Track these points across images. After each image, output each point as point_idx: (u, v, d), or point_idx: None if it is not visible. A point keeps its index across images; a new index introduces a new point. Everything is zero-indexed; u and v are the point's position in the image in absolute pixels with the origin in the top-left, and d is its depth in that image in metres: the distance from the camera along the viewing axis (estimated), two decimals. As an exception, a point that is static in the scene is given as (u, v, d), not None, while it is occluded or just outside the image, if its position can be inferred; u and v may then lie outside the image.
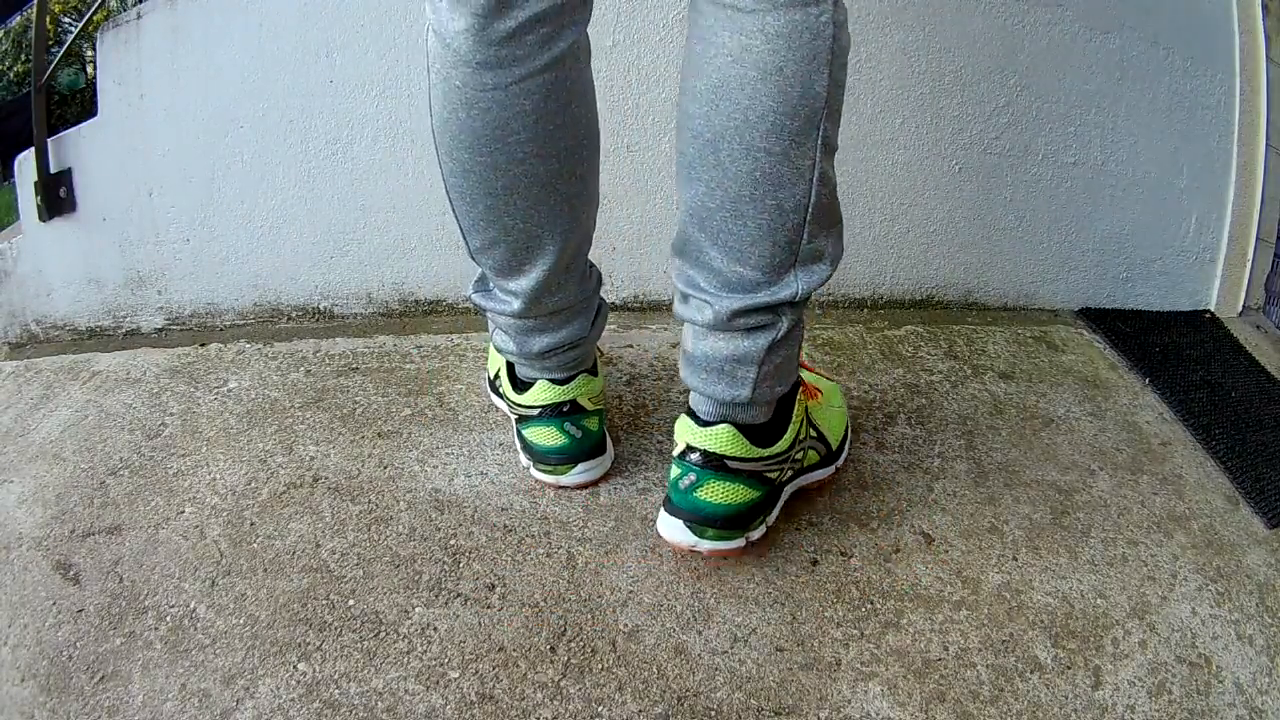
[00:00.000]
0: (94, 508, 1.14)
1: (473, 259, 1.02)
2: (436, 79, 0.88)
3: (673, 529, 0.95)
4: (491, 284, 1.04)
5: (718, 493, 0.93)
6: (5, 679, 0.92)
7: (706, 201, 0.87)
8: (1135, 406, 1.30)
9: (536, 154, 0.90)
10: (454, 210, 0.97)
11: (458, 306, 1.59)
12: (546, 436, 1.09)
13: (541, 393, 1.07)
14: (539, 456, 1.11)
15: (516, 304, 1.01)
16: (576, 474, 1.11)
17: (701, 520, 0.94)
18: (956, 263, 1.54)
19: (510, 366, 1.13)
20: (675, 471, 0.95)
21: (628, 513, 1.09)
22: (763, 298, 0.88)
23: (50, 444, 1.27)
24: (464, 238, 0.99)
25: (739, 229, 0.86)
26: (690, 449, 0.94)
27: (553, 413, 1.07)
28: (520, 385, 1.10)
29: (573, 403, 1.07)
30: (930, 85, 1.44)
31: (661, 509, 0.98)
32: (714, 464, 0.93)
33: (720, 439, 0.92)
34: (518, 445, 1.16)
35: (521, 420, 1.12)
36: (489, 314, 1.07)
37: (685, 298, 0.94)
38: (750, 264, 0.87)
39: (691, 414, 0.97)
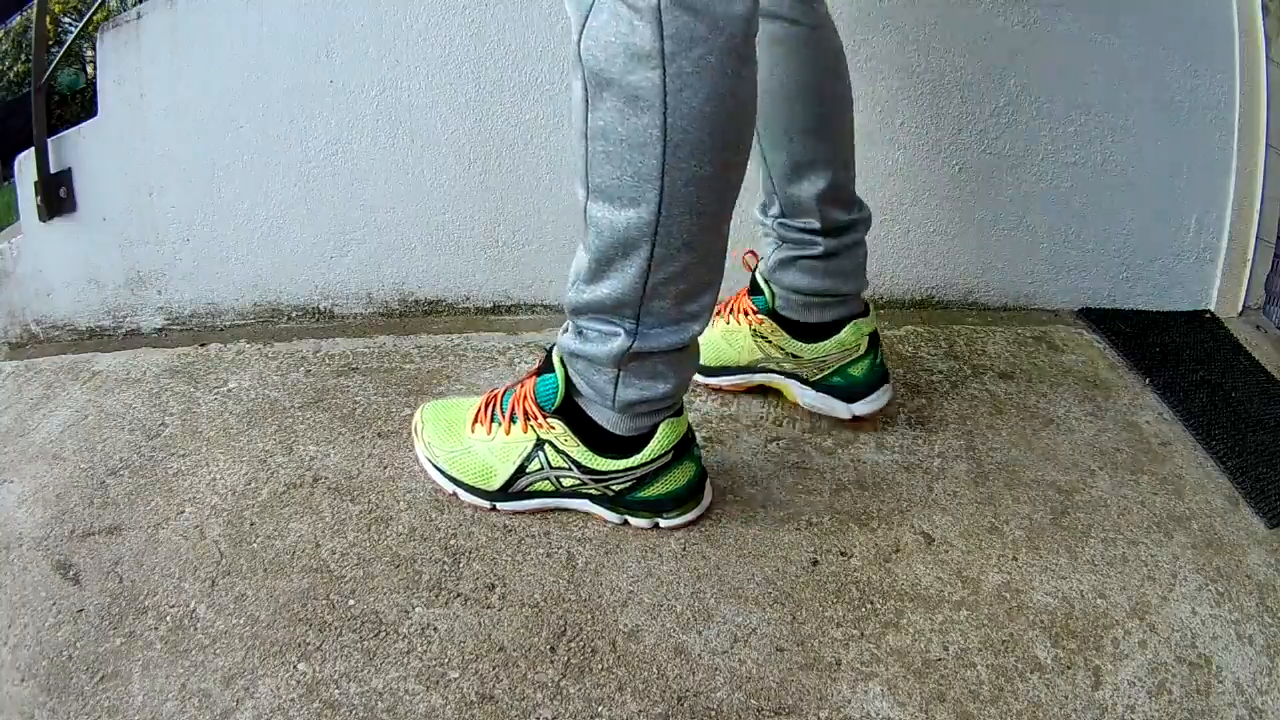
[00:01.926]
0: (94, 508, 1.14)
1: (648, 290, 0.86)
2: (695, 67, 0.77)
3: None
4: (649, 324, 0.90)
5: None
6: (5, 679, 0.92)
7: None
8: (1135, 406, 1.30)
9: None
10: (673, 229, 0.82)
11: (458, 306, 1.59)
12: (686, 473, 0.99)
13: (668, 434, 0.97)
14: (678, 500, 1.01)
15: (697, 327, 0.90)
16: (708, 496, 1.04)
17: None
18: (956, 263, 1.54)
19: (597, 441, 0.98)
20: (873, 359, 1.10)
21: (628, 513, 1.09)
22: None
23: (50, 444, 1.27)
24: (657, 264, 0.84)
25: None
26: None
27: (685, 446, 0.99)
28: (623, 448, 0.98)
29: (689, 424, 1.00)
30: (930, 85, 1.44)
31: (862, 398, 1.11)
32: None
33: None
34: (626, 519, 1.04)
35: (640, 483, 0.99)
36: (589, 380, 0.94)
37: None
38: None
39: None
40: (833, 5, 1.40)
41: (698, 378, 1.25)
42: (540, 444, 0.99)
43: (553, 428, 0.97)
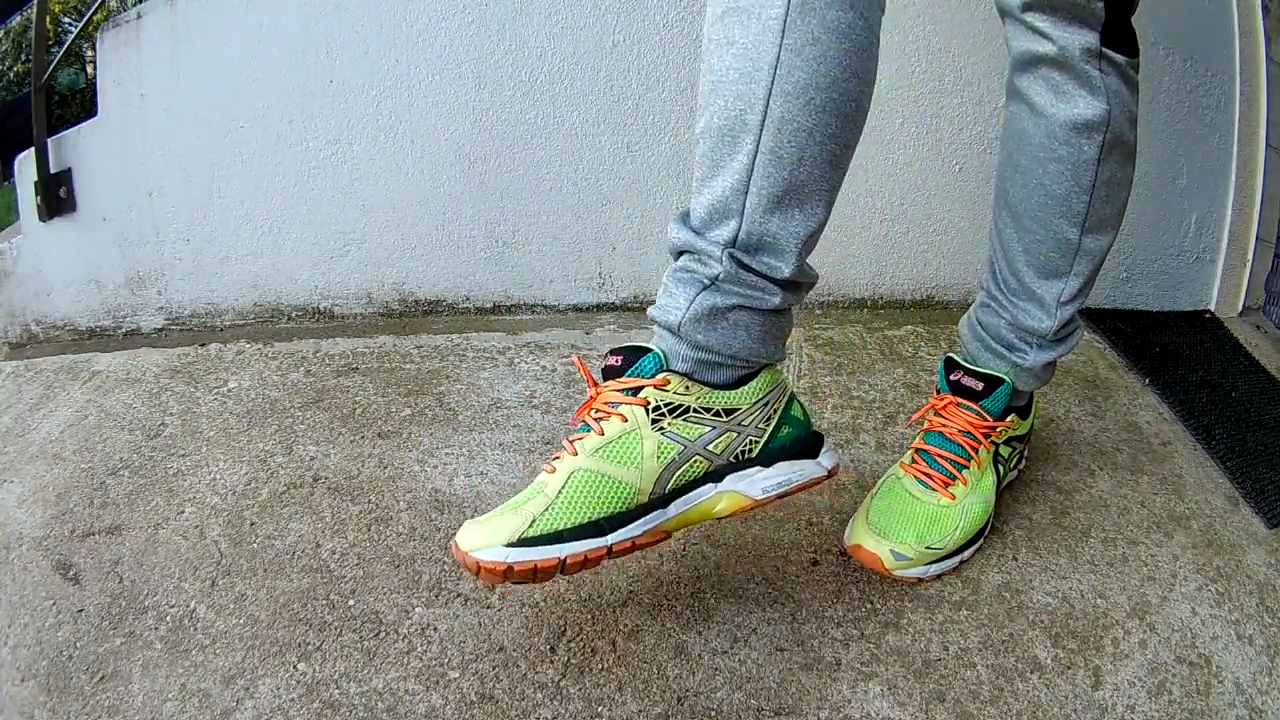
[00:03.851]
0: (94, 508, 1.14)
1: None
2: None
3: None
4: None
5: None
6: (5, 679, 0.92)
7: None
8: (1135, 406, 1.30)
9: None
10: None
11: (458, 306, 1.59)
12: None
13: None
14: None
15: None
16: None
17: None
18: (956, 263, 1.54)
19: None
20: None
21: (628, 513, 1.09)
22: None
23: (50, 444, 1.27)
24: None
25: None
26: None
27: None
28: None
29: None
30: (930, 85, 1.44)
31: None
32: None
33: None
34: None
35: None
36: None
37: None
38: None
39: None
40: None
41: (567, 552, 0.93)
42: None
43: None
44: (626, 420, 0.81)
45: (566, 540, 0.78)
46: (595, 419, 0.82)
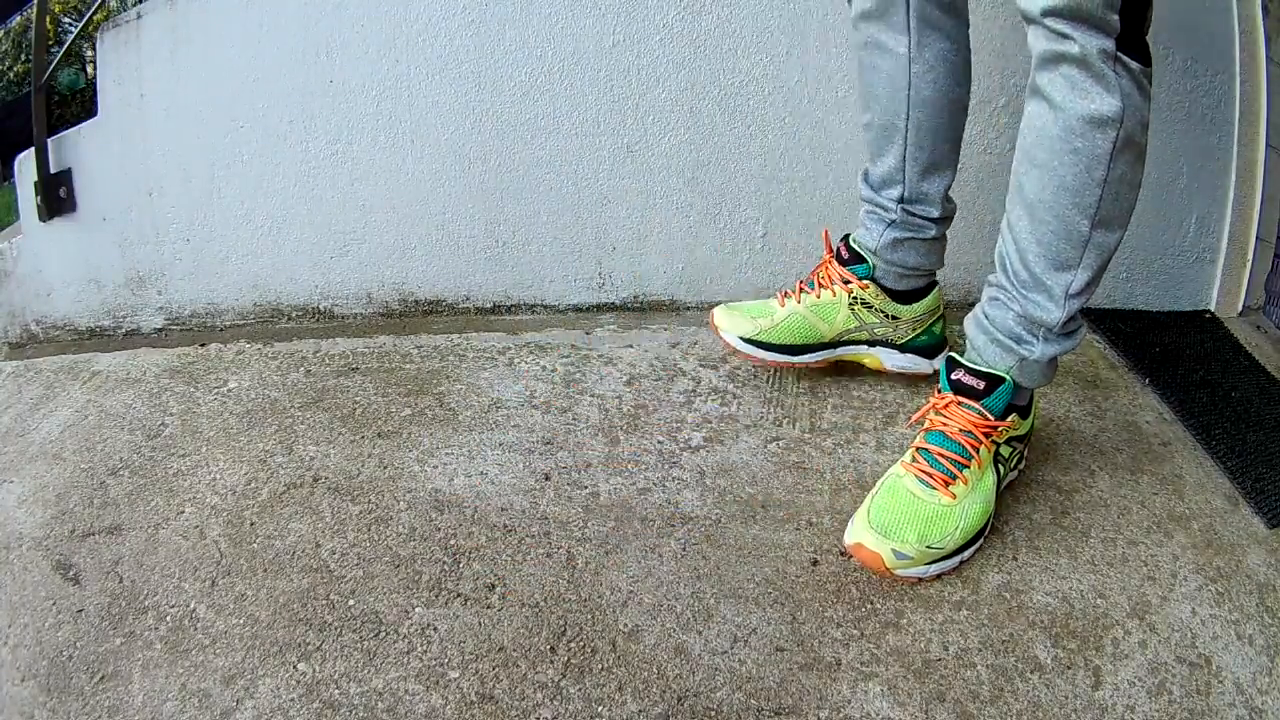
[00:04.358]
0: (94, 508, 1.14)
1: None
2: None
3: None
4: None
5: None
6: (5, 679, 0.92)
7: None
8: (1135, 406, 1.30)
9: None
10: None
11: (458, 306, 1.59)
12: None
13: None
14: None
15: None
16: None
17: None
18: (956, 263, 1.54)
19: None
20: (944, 319, 1.31)
21: (628, 513, 1.09)
22: None
23: (50, 444, 1.27)
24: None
25: None
26: None
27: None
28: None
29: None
30: (930, 85, 1.44)
31: (937, 354, 1.28)
32: None
33: None
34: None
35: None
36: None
37: None
38: None
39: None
40: (832, 7, 1.40)
41: (773, 358, 1.27)
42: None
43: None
44: (835, 296, 1.25)
45: (772, 350, 1.25)
46: (819, 285, 1.26)
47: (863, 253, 1.23)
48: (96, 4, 1.82)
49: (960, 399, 1.03)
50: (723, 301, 1.33)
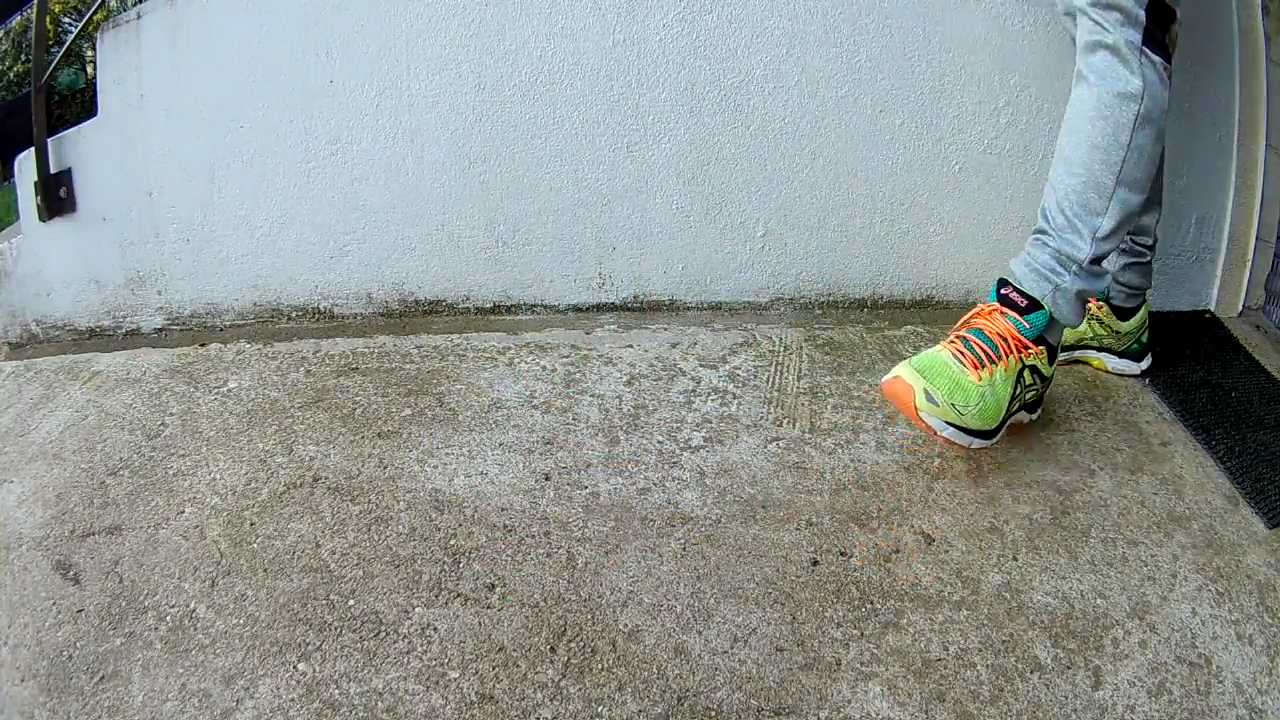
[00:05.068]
0: (94, 508, 1.14)
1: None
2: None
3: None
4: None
5: None
6: (5, 679, 0.92)
7: None
8: (1135, 406, 1.30)
9: None
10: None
11: (458, 306, 1.59)
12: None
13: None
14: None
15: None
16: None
17: None
18: (956, 263, 1.54)
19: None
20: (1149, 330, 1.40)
21: (628, 513, 1.09)
22: None
23: (50, 444, 1.27)
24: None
25: None
26: None
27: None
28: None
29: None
30: (930, 85, 1.44)
31: (1144, 358, 1.39)
32: None
33: None
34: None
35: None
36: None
37: None
38: None
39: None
40: (833, 7, 1.40)
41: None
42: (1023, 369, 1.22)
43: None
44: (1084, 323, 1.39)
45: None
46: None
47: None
48: (96, 4, 1.82)
49: (1004, 309, 1.19)
50: (724, 302, 1.33)
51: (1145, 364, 1.40)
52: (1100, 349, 1.41)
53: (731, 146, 1.47)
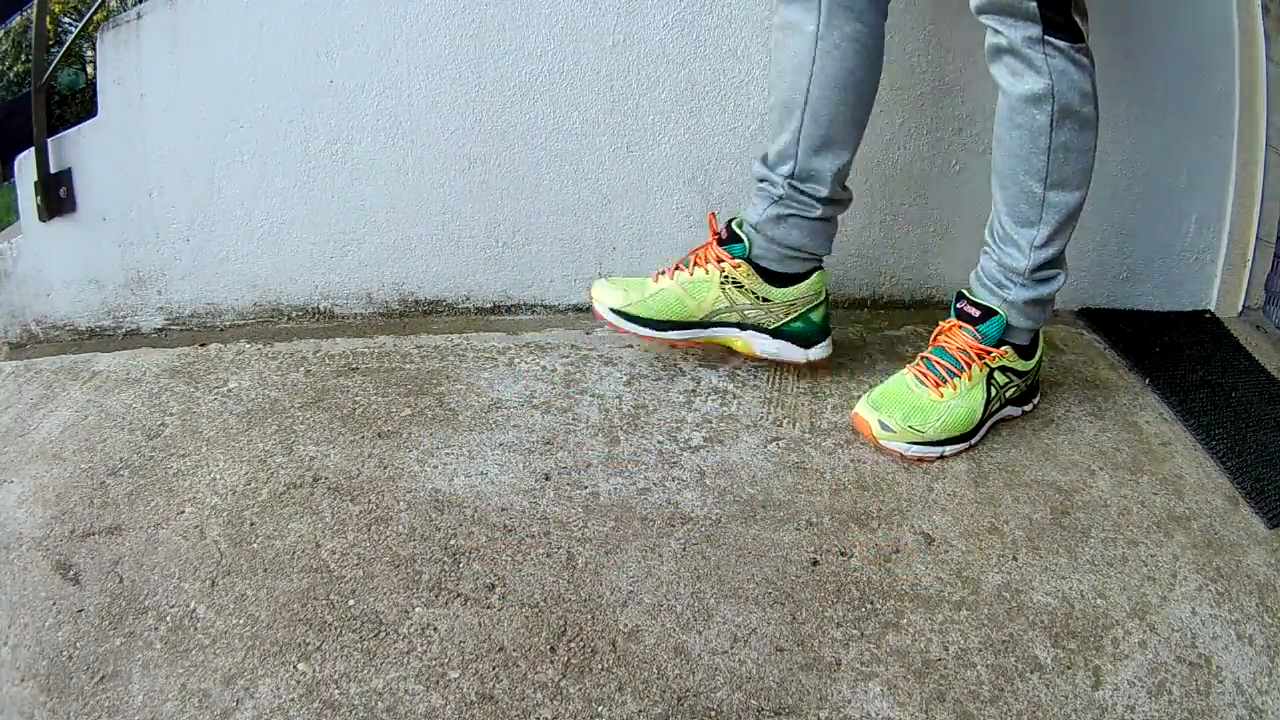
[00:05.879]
0: (94, 508, 1.14)
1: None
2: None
3: None
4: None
5: None
6: (5, 679, 0.92)
7: None
8: (1135, 406, 1.30)
9: None
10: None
11: (458, 306, 1.59)
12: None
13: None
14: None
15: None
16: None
17: None
18: (956, 263, 1.54)
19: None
20: (826, 308, 1.31)
21: (628, 513, 1.09)
22: None
23: (50, 444, 1.27)
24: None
25: None
26: None
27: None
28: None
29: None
30: (930, 85, 1.44)
31: (817, 344, 1.30)
32: None
33: None
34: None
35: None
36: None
37: None
38: None
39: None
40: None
41: (640, 331, 1.30)
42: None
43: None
44: (707, 274, 1.27)
45: (639, 324, 1.28)
46: (694, 263, 1.28)
47: (742, 233, 1.26)
48: (96, 4, 1.82)
49: (960, 323, 1.21)
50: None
51: (818, 352, 1.30)
52: (742, 325, 1.28)
53: (732, 146, 1.47)
